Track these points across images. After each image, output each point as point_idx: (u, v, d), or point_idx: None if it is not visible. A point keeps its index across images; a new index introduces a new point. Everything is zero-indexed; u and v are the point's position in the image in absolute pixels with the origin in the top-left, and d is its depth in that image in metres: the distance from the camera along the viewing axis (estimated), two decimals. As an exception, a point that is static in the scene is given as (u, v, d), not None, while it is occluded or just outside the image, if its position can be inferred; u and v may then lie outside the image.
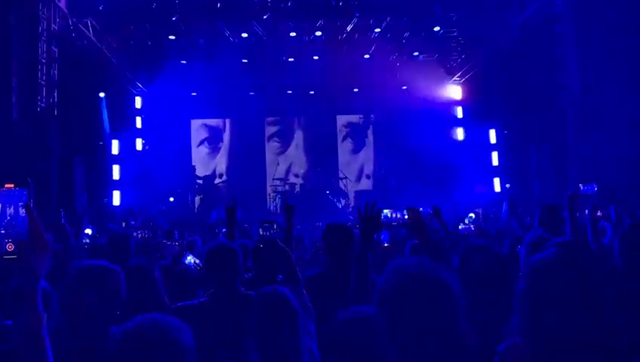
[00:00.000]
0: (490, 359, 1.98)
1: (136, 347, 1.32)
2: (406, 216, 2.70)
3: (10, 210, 8.32)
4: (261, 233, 3.05)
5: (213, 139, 17.37)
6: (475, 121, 15.31)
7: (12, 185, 8.87)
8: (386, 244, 4.85)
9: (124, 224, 12.04)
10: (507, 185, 14.15)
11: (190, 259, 3.90)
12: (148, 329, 1.34)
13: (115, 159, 14.60)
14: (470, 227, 7.05)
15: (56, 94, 10.69)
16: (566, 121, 11.19)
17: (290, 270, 2.82)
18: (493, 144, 15.06)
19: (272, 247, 3.00)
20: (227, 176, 17.06)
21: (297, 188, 16.02)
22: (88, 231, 7.21)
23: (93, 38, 12.09)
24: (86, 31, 11.84)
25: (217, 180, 16.88)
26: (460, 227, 7.41)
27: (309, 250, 5.65)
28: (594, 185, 6.98)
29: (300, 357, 2.05)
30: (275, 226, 3.32)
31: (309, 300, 2.61)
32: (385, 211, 2.82)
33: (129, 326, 1.39)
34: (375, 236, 3.08)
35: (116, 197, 14.43)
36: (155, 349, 1.32)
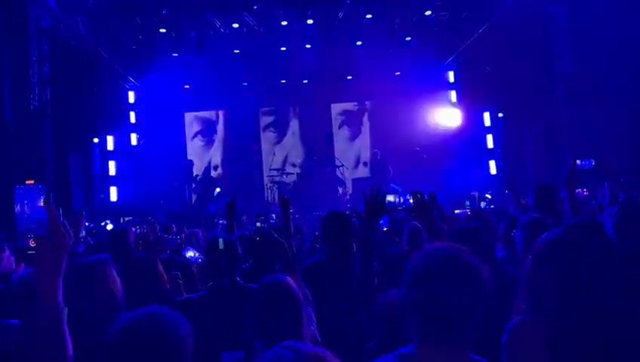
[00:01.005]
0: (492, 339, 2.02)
1: (132, 340, 1.34)
2: (410, 201, 2.72)
3: (28, 207, 8.35)
4: (258, 225, 3.07)
5: (207, 131, 17.34)
6: (470, 105, 15.31)
7: (32, 182, 8.88)
8: (385, 229, 4.87)
9: (122, 220, 12.07)
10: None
11: (191, 253, 3.92)
12: (144, 323, 1.36)
13: (111, 155, 14.58)
14: (467, 211, 7.08)
15: (48, 92, 10.63)
16: (559, 101, 11.22)
17: (287, 261, 2.85)
18: (488, 127, 15.08)
19: (268, 239, 3.03)
20: (223, 168, 17.06)
21: (294, 178, 16.03)
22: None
23: (83, 34, 12.01)
24: (76, 27, 11.75)
25: (213, 173, 16.87)
26: (456, 211, 7.45)
27: (308, 239, 5.68)
28: (591, 161, 6.95)
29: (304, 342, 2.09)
30: (272, 217, 3.34)
31: (306, 288, 2.65)
32: (389, 197, 2.83)
33: (125, 319, 1.41)
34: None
35: (113, 193, 14.43)
36: (150, 342, 1.33)
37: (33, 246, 1.42)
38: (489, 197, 10.60)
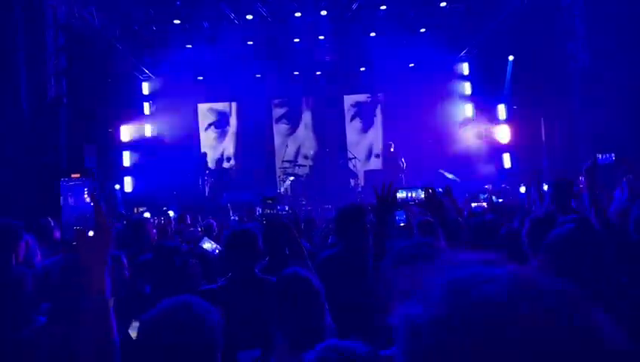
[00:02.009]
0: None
1: (167, 329, 1.36)
2: (422, 196, 2.72)
3: (73, 200, 8.50)
4: (267, 211, 3.07)
5: (220, 122, 17.39)
6: (484, 97, 15.19)
7: (78, 175, 9.02)
8: (402, 224, 4.86)
9: (135, 210, 12.17)
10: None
11: (208, 244, 3.95)
12: (177, 311, 1.38)
13: (125, 146, 14.69)
14: (483, 205, 7.05)
15: (64, 83, 10.72)
16: (575, 94, 11.09)
17: (295, 245, 2.88)
18: (503, 119, 14.96)
19: (275, 224, 3.05)
20: (235, 159, 17.12)
21: (307, 170, 16.05)
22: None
23: (98, 26, 12.08)
24: (91, 19, 11.82)
25: (226, 164, 16.95)
26: (473, 205, 7.41)
27: (320, 232, 5.69)
28: (612, 155, 6.82)
29: (325, 335, 2.10)
30: (276, 202, 3.33)
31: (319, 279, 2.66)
32: (401, 193, 2.80)
33: (159, 309, 1.43)
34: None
35: (128, 184, 14.55)
36: (184, 330, 1.36)
37: (78, 239, 1.42)
38: (485, 195, 10.50)
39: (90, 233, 1.41)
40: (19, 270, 2.86)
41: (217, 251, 3.88)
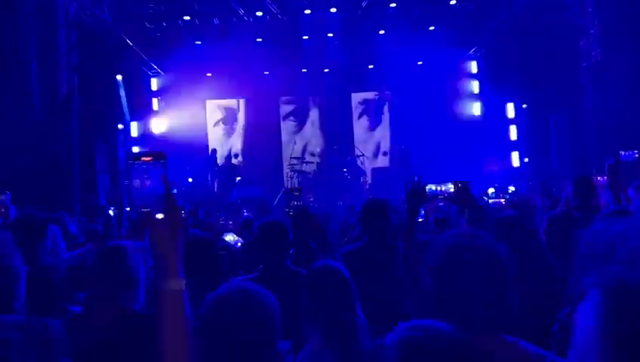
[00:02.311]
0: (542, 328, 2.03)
1: (226, 315, 1.38)
2: (452, 190, 2.73)
3: (142, 182, 8.66)
4: (294, 203, 3.10)
5: (228, 119, 17.42)
6: (492, 96, 15.17)
7: (149, 158, 9.14)
8: (420, 220, 4.90)
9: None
10: (526, 160, 14.05)
11: (230, 237, 3.98)
12: (236, 297, 1.40)
13: (135, 141, 14.75)
14: (500, 201, 7.05)
15: (76, 79, 10.78)
16: (586, 91, 11.06)
17: (322, 237, 2.90)
18: (511, 118, 14.93)
19: (303, 217, 3.08)
20: (243, 156, 17.14)
21: (314, 167, 16.07)
22: (111, 212, 7.36)
23: (109, 22, 12.12)
24: (102, 14, 11.86)
25: (234, 160, 16.98)
26: (489, 201, 7.42)
27: (338, 227, 5.71)
28: (634, 152, 6.77)
29: (358, 328, 2.13)
30: (301, 193, 3.34)
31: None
32: (430, 186, 2.81)
33: (218, 293, 1.45)
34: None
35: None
36: (245, 314, 1.38)
37: (147, 221, 1.41)
38: (493, 190, 10.50)
39: (160, 215, 1.41)
40: (49, 260, 2.90)
41: (239, 244, 3.91)
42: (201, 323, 1.44)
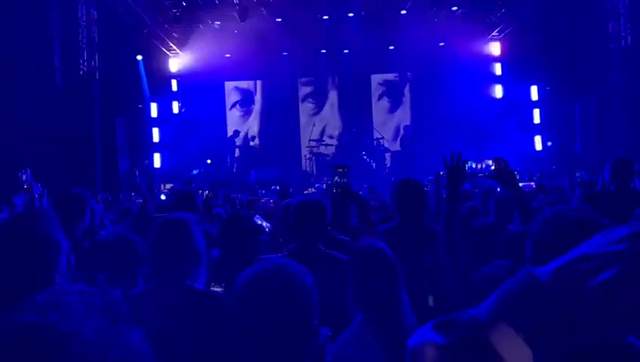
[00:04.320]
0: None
1: (262, 291, 1.33)
2: (492, 167, 2.63)
3: None
4: (337, 180, 3.00)
5: (246, 101, 17.33)
6: (515, 78, 14.87)
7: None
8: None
9: (163, 187, 12.23)
10: (549, 143, 13.83)
11: (258, 221, 3.93)
12: (272, 274, 1.35)
13: (155, 122, 14.78)
14: (531, 185, 6.91)
15: (97, 57, 10.78)
16: (614, 75, 10.77)
17: (366, 216, 2.84)
18: (535, 101, 14.65)
19: (346, 194, 3.01)
20: (260, 138, 17.06)
21: (333, 150, 15.97)
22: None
23: (129, 1, 12.06)
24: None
25: (251, 143, 16.94)
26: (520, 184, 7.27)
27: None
28: None
29: (402, 307, 2.07)
30: (348, 170, 3.23)
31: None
32: (469, 162, 2.72)
33: (254, 270, 1.40)
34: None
35: (157, 160, 14.68)
36: (279, 293, 1.32)
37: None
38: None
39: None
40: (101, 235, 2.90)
41: (267, 228, 3.87)
42: (235, 301, 1.38)
